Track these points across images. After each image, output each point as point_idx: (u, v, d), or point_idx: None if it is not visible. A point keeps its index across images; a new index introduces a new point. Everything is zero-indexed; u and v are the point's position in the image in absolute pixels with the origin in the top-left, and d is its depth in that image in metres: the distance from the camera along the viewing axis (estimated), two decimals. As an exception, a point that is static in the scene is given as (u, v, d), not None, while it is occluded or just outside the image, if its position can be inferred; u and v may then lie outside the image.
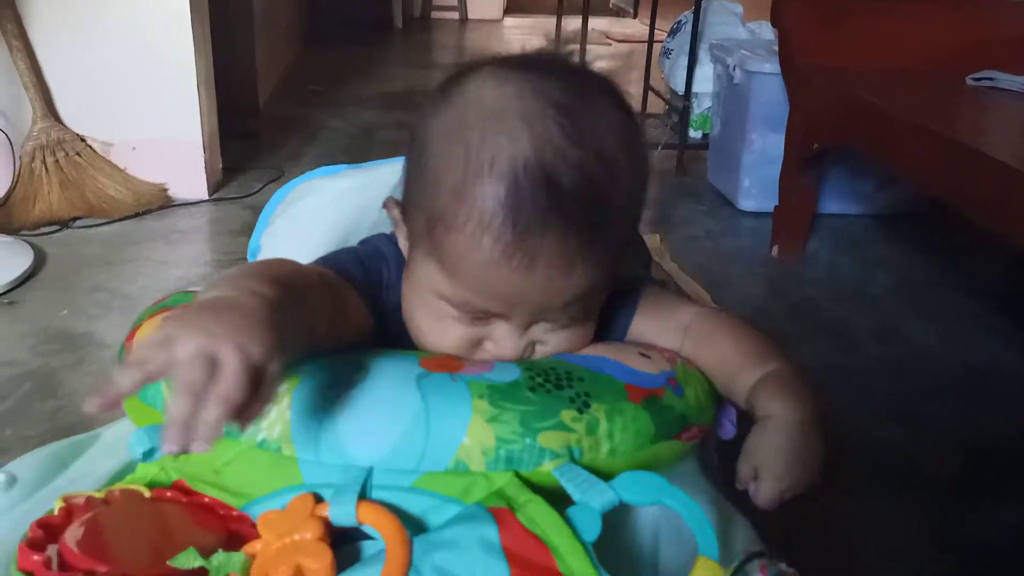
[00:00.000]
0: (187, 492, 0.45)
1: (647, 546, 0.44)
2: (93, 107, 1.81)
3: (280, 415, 0.43)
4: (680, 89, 2.35)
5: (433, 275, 0.49)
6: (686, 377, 0.52)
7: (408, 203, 0.53)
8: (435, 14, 5.24)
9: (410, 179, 0.52)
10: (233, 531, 0.43)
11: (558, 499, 0.41)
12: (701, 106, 2.37)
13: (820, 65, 1.68)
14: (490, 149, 0.45)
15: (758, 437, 0.50)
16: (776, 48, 2.00)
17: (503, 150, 0.45)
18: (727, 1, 2.44)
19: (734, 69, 2.05)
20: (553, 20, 5.77)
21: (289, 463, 0.43)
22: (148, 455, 0.46)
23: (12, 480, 0.48)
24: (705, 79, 2.30)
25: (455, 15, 5.24)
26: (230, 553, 0.40)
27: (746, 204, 2.06)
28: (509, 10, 5.70)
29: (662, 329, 0.56)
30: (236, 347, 0.36)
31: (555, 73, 0.48)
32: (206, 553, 0.39)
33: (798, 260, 1.77)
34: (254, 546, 0.41)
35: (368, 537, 0.42)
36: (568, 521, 0.40)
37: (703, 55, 2.29)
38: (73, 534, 0.40)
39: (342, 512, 0.41)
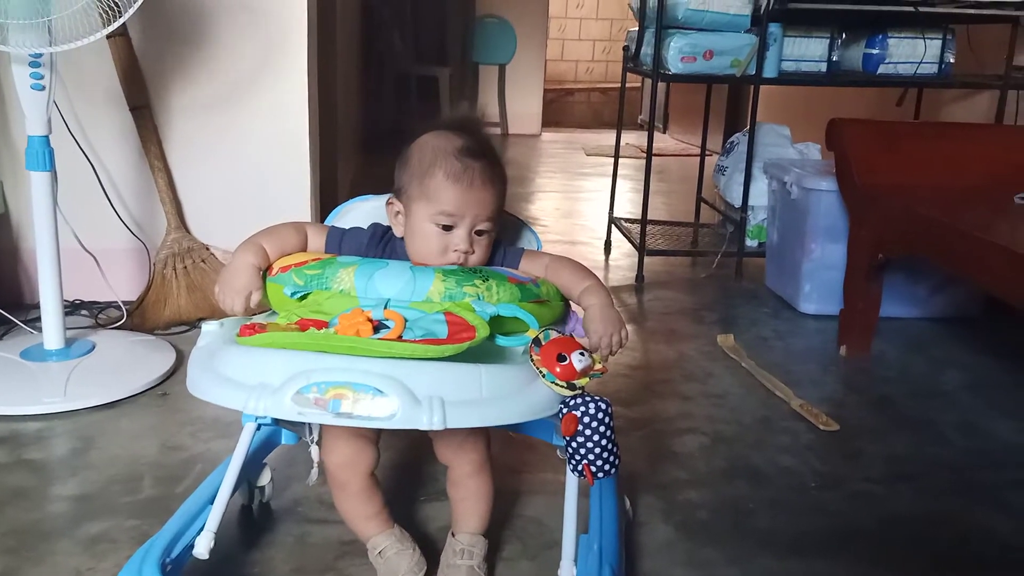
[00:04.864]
0: (301, 323, 0.96)
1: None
2: (217, 220, 2.01)
3: (349, 279, 0.95)
4: (736, 202, 2.55)
5: (422, 210, 1.01)
6: (544, 283, 1.02)
7: (402, 187, 1.04)
8: (477, 129, 5.55)
9: (403, 176, 1.05)
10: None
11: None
12: (756, 217, 2.55)
13: (879, 184, 1.86)
14: (442, 144, 1.02)
15: (589, 317, 1.00)
16: (826, 168, 2.21)
17: (449, 143, 1.02)
18: (776, 124, 2.67)
19: (791, 186, 2.24)
20: (585, 134, 6.12)
21: (353, 298, 0.95)
22: (294, 294, 0.97)
23: (222, 324, 1.00)
24: (760, 193, 2.50)
25: (497, 130, 5.57)
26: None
27: (807, 307, 2.21)
28: (545, 125, 6.05)
29: (536, 266, 1.07)
30: (240, 297, 0.98)
31: (465, 131, 1.05)
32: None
33: (867, 359, 1.91)
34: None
35: (387, 327, 0.92)
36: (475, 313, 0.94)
37: (756, 172, 2.50)
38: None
39: (377, 311, 0.92)
